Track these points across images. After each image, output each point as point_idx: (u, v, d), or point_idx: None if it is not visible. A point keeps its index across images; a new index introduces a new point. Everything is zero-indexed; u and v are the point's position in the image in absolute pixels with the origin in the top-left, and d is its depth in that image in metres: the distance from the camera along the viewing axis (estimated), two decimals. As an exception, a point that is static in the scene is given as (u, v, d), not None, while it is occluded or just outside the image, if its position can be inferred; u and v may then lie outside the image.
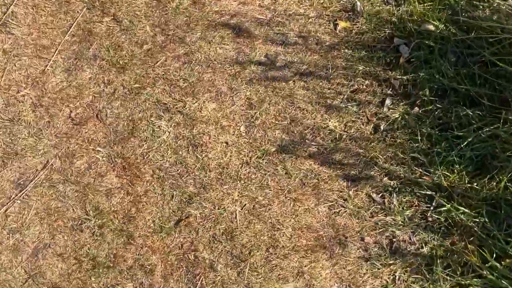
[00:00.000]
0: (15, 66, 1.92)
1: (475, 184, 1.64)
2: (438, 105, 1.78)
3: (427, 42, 1.85)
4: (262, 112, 1.84)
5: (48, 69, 1.91)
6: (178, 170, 1.76)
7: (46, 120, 1.84)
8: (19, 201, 1.72)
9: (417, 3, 1.95)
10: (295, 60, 1.92)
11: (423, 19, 1.89)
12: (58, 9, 2.02)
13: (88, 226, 1.68)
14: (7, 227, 1.69)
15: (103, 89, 1.89)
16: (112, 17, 2.00)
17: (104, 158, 1.78)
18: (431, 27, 1.87)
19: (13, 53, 1.94)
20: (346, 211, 1.69)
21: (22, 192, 1.72)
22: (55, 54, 1.94)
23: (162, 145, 1.80)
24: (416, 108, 1.80)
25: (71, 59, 1.94)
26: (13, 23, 1.98)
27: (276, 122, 1.82)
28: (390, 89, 1.85)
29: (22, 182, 1.75)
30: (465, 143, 1.65)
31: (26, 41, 1.96)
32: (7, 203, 1.71)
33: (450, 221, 1.63)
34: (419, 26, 1.90)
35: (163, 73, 1.91)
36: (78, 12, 2.02)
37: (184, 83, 1.89)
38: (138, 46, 1.95)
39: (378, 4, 2.00)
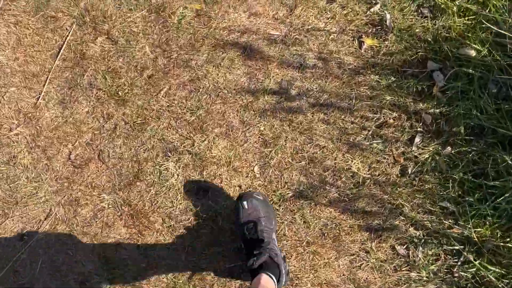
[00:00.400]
0: (4, 99, 1.73)
1: (508, 240, 1.52)
2: (473, 146, 1.60)
3: (465, 69, 1.62)
4: (277, 150, 1.68)
5: (40, 102, 1.73)
6: (189, 219, 1.66)
7: (44, 163, 1.70)
8: (25, 255, 1.64)
9: (456, 17, 1.68)
10: (314, 87, 1.71)
11: (463, 42, 1.64)
12: (44, 26, 1.78)
13: (99, 282, 1.62)
14: (16, 283, 1.63)
15: (103, 125, 1.72)
16: (106, 36, 1.76)
17: (110, 206, 1.67)
18: (472, 52, 1.62)
19: (0, 84, 1.74)
20: (368, 264, 1.60)
21: (28, 244, 1.64)
22: (46, 83, 1.74)
23: (171, 189, 1.67)
24: (448, 148, 1.63)
25: (65, 89, 1.74)
26: (-4, 46, 1.76)
27: (293, 162, 1.67)
28: (421, 124, 1.66)
29: (26, 234, 1.66)
30: (502, 198, 1.51)
31: (12, 68, 1.75)
32: (13, 258, 1.64)
33: (478, 278, 1.55)
34: (457, 49, 1.65)
35: (168, 104, 1.72)
36: (67, 29, 1.78)
37: (191, 116, 1.71)
38: (137, 72, 1.74)
39: (411, 17, 1.73)
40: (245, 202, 1.51)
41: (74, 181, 1.68)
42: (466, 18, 1.68)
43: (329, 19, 1.76)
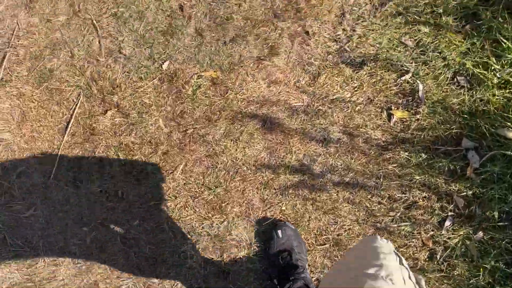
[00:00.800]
0: (13, 179, 1.65)
1: (539, 334, 1.49)
2: (507, 233, 1.53)
3: (503, 151, 1.51)
4: (300, 231, 1.61)
5: (52, 182, 1.65)
6: (210, 303, 1.63)
7: (60, 245, 1.65)
8: None
9: (496, 89, 1.54)
10: (339, 164, 1.61)
11: (502, 122, 1.51)
12: (49, 98, 1.66)
13: None
14: None
15: (118, 205, 1.65)
16: (116, 109, 1.65)
17: (129, 290, 1.64)
18: (511, 134, 1.50)
19: (8, 162, 1.65)
20: None
21: (49, 329, 1.64)
22: (57, 162, 1.65)
23: (190, 272, 1.63)
24: (480, 233, 1.55)
25: (76, 167, 1.65)
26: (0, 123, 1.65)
27: (317, 244, 1.61)
28: (452, 206, 1.58)
29: (47, 318, 1.65)
30: (536, 295, 1.46)
31: (20, 145, 1.66)
32: None
33: None
34: (496, 128, 1.53)
35: (184, 182, 1.64)
36: (73, 101, 1.66)
37: (209, 194, 1.63)
38: (152, 148, 1.64)
39: (446, 86, 1.59)
40: (279, 231, 1.55)
41: (92, 266, 1.64)
42: (507, 90, 1.54)
43: (356, 88, 1.62)
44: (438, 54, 1.59)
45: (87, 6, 1.65)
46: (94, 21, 1.65)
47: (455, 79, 1.59)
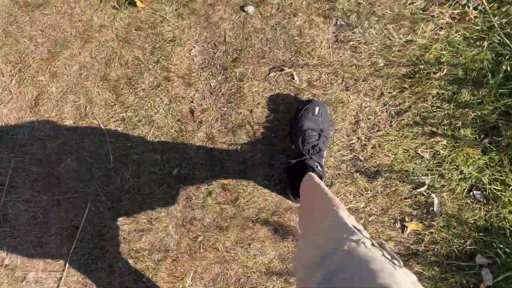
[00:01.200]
0: (22, 285, 1.64)
1: None
2: None
3: (518, 273, 1.50)
4: None
5: (61, 288, 1.64)
6: None
7: None
8: None
9: (512, 206, 1.51)
10: (351, 274, 1.60)
11: (519, 244, 1.49)
12: (56, 205, 1.63)
13: None
14: None
15: (128, 310, 1.65)
16: (125, 215, 1.62)
17: None
18: (527, 259, 1.48)
19: (17, 268, 1.64)
20: None
21: None
22: (66, 269, 1.63)
23: None
24: None
25: (85, 274, 1.64)
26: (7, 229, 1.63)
27: None
28: (463, 319, 1.57)
29: None
30: None
31: (28, 251, 1.64)
32: None
33: None
34: (511, 248, 1.51)
35: (195, 289, 1.63)
36: (82, 207, 1.63)
37: (220, 301, 1.63)
38: (161, 254, 1.62)
39: (461, 200, 1.56)
40: None
41: None
42: (524, 207, 1.51)
43: (370, 198, 1.59)
44: (455, 167, 1.55)
45: (94, 110, 1.60)
46: (102, 126, 1.60)
47: (472, 193, 1.56)
